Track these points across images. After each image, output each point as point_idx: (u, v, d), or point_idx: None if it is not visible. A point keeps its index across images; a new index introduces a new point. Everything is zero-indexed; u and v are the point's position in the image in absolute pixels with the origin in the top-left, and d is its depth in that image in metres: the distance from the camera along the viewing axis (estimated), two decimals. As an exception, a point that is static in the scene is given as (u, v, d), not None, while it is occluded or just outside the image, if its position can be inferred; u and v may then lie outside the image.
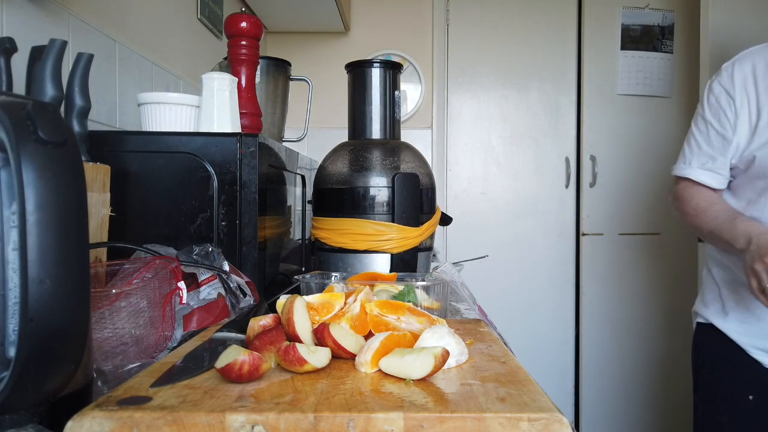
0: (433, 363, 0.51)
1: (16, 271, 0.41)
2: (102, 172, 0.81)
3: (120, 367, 0.61)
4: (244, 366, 0.50)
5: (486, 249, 2.57)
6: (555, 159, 2.80)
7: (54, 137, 0.41)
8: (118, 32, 1.29)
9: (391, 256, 1.05)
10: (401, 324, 0.63)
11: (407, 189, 1.06)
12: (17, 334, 0.40)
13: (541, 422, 0.43)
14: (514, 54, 2.78)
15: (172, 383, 0.50)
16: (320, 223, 1.10)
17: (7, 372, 0.40)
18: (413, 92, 2.75)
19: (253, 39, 1.25)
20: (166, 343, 0.70)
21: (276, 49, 2.61)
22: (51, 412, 0.43)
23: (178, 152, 0.92)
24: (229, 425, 0.43)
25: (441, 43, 2.76)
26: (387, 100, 1.15)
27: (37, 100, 0.42)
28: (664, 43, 2.75)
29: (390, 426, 0.43)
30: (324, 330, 0.57)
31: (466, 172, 2.81)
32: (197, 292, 0.79)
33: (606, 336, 2.75)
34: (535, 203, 2.80)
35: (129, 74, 1.33)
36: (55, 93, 0.75)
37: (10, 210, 0.41)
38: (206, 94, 1.04)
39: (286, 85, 1.57)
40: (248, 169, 0.92)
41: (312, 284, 0.83)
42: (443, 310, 0.81)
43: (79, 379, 0.46)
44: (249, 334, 0.61)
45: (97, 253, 0.79)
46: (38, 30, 0.99)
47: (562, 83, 2.79)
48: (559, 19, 2.77)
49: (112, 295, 0.65)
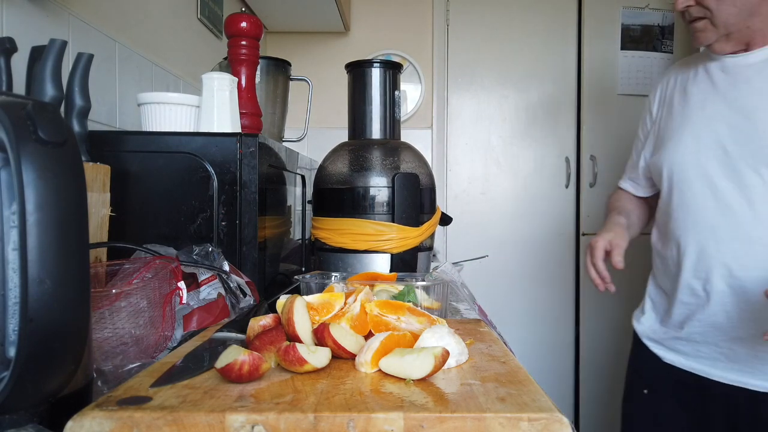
0: (433, 363, 0.51)
1: (16, 271, 0.41)
2: (102, 172, 0.81)
3: (120, 367, 0.61)
4: (244, 366, 0.50)
5: (486, 249, 2.57)
6: (555, 159, 2.80)
7: (54, 137, 0.41)
8: (118, 32, 1.29)
9: (391, 256, 1.05)
10: (401, 324, 0.63)
11: (407, 189, 1.06)
12: (17, 334, 0.40)
13: (541, 422, 0.43)
14: (514, 54, 2.78)
15: (172, 383, 0.50)
16: (320, 223, 1.10)
17: (7, 372, 0.40)
18: (413, 92, 2.75)
19: (253, 39, 1.25)
20: (166, 343, 0.70)
21: (276, 49, 2.61)
22: (51, 412, 0.43)
23: (178, 152, 0.92)
24: (229, 425, 0.43)
25: (441, 43, 2.76)
26: (387, 100, 1.15)
27: (37, 100, 0.42)
28: (664, 43, 2.75)
29: (390, 426, 0.43)
30: (324, 330, 0.57)
31: (466, 172, 2.81)
32: (197, 292, 0.79)
33: (606, 336, 2.75)
34: (535, 203, 2.80)
35: (129, 74, 1.33)
36: (55, 93, 0.75)
37: (10, 210, 0.41)
38: (206, 94, 1.04)
39: (286, 85, 1.57)
40: (248, 169, 0.92)
41: (312, 284, 0.83)
42: (443, 310, 0.81)
43: (79, 379, 0.46)
44: (249, 334, 0.61)
45: (97, 253, 0.79)
46: (38, 30, 0.99)
47: (562, 83, 2.79)
48: (559, 19, 2.77)
49: (112, 295, 0.65)
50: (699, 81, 1.18)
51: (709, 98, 1.14)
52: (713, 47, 1.10)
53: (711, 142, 1.10)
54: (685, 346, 1.18)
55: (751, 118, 1.06)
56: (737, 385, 1.10)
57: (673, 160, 1.17)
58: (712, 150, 1.10)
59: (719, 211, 1.09)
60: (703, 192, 1.11)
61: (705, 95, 1.15)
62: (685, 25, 1.12)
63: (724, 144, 1.09)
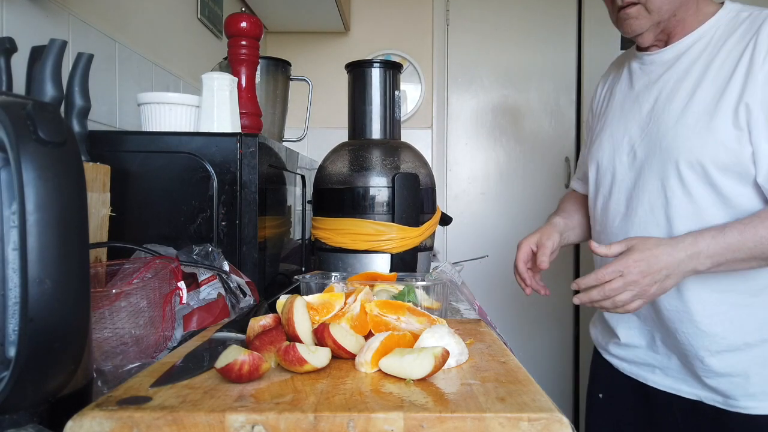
0: (433, 363, 0.51)
1: (16, 271, 0.41)
2: (102, 172, 0.81)
3: (120, 367, 0.61)
4: (244, 366, 0.50)
5: (486, 249, 2.57)
6: (555, 159, 2.80)
7: (54, 137, 0.41)
8: (118, 32, 1.29)
9: (391, 256, 1.05)
10: (401, 324, 0.63)
11: (407, 189, 1.06)
12: (17, 334, 0.40)
13: (541, 422, 0.43)
14: (514, 54, 2.78)
15: (172, 383, 0.50)
16: (320, 223, 1.10)
17: (7, 372, 0.40)
18: (413, 92, 2.75)
19: (253, 39, 1.25)
20: (166, 343, 0.70)
21: (276, 49, 2.61)
22: (51, 412, 0.43)
23: (178, 152, 0.92)
24: (229, 425, 0.43)
25: (441, 43, 2.76)
26: (387, 100, 1.15)
27: (37, 100, 0.42)
28: (664, 43, 2.75)
29: (390, 426, 0.43)
30: (324, 330, 0.57)
31: (466, 172, 2.81)
32: (197, 292, 0.79)
33: (606, 336, 2.75)
34: (535, 203, 2.80)
35: (129, 74, 1.33)
36: (55, 93, 0.75)
37: (10, 210, 0.41)
38: (206, 94, 1.04)
39: (286, 85, 1.57)
40: (248, 169, 0.92)
41: (312, 284, 0.83)
42: (443, 310, 0.81)
43: (79, 379, 0.46)
44: (249, 334, 0.61)
45: (97, 253, 0.79)
46: (38, 30, 0.99)
47: (562, 83, 2.79)
48: (559, 19, 2.77)
49: (112, 295, 0.65)
50: (622, 80, 1.15)
51: (628, 99, 1.10)
52: (642, 37, 1.03)
53: (625, 145, 1.07)
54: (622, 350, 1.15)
55: (657, 121, 1.01)
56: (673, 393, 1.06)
57: (595, 161, 1.14)
58: (625, 154, 1.06)
59: (627, 219, 1.05)
60: (618, 198, 1.08)
61: (624, 96, 1.12)
62: (613, 14, 1.05)
63: (634, 148, 1.05)
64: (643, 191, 1.02)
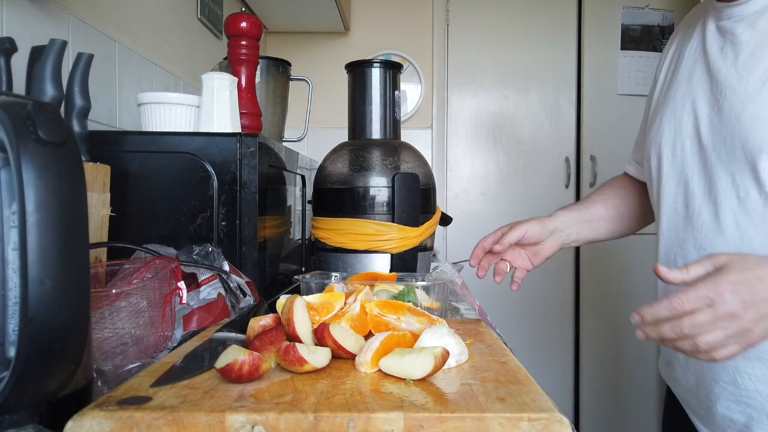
0: (433, 363, 0.51)
1: (16, 271, 0.41)
2: (102, 172, 0.81)
3: (120, 367, 0.61)
4: (244, 366, 0.50)
5: (486, 249, 2.55)
6: (555, 159, 2.80)
7: (54, 137, 0.41)
8: (118, 32, 1.28)
9: (391, 256, 1.05)
10: (401, 324, 0.63)
11: (407, 189, 1.06)
12: (17, 334, 0.40)
13: (541, 422, 0.43)
14: (514, 54, 2.78)
15: (172, 383, 0.50)
16: (320, 223, 1.10)
17: (7, 372, 0.40)
18: (413, 92, 2.75)
19: (253, 39, 1.25)
20: (166, 343, 0.70)
21: (276, 49, 2.61)
22: (51, 412, 0.43)
23: (178, 152, 0.92)
24: (229, 425, 0.43)
25: (441, 43, 2.76)
26: (387, 100, 1.15)
27: (37, 100, 0.42)
28: (664, 42, 2.75)
29: (390, 426, 0.43)
30: (324, 330, 0.57)
31: (466, 172, 2.81)
32: (197, 292, 0.79)
33: (605, 336, 2.75)
34: (535, 203, 2.80)
35: (129, 74, 1.33)
36: (55, 93, 0.75)
37: (10, 210, 0.41)
38: (206, 94, 1.04)
39: (286, 85, 1.57)
40: (248, 169, 0.92)
41: (312, 284, 0.83)
42: (443, 310, 0.81)
43: (79, 379, 0.46)
44: (249, 334, 0.61)
45: (97, 253, 0.79)
46: (38, 30, 0.99)
47: (562, 83, 2.79)
48: (559, 19, 2.77)
49: (112, 295, 0.65)
50: (692, 41, 0.88)
51: (698, 66, 0.85)
52: None
53: (690, 126, 0.83)
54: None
55: (730, 98, 0.77)
56: None
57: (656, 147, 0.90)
58: (689, 139, 0.83)
59: (688, 221, 0.83)
60: (677, 193, 0.86)
61: (694, 62, 0.86)
62: None
63: (699, 132, 0.82)
64: (709, 189, 0.80)
